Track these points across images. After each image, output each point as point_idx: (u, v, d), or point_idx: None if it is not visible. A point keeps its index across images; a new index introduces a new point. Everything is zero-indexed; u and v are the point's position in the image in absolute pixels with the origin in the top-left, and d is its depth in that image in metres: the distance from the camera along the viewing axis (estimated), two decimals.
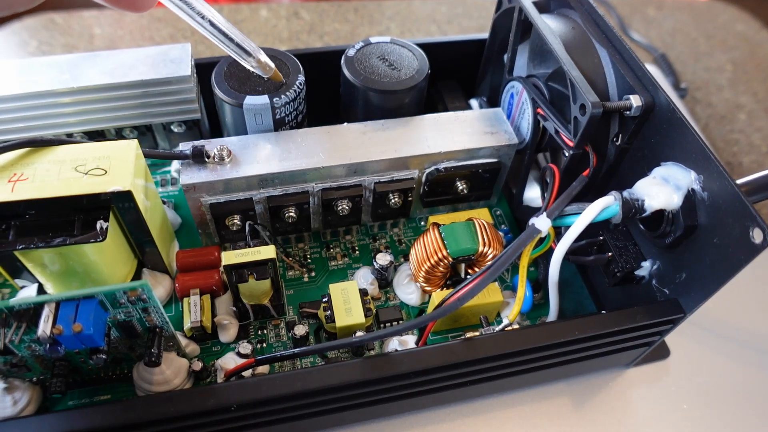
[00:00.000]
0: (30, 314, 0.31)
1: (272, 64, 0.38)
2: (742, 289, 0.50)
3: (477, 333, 0.36)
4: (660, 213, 0.36)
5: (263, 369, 0.38)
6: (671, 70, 0.71)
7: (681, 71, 0.74)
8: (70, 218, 0.35)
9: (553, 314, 0.41)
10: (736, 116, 0.69)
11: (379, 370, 0.33)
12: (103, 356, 0.32)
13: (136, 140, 0.38)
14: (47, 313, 0.31)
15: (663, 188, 0.35)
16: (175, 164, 0.50)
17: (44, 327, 0.30)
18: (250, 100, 0.41)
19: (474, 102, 0.52)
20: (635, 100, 0.36)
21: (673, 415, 0.43)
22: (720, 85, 0.73)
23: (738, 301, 0.49)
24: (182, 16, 0.34)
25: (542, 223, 0.36)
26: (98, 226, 0.35)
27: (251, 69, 0.37)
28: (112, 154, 0.37)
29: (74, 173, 0.36)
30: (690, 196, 0.35)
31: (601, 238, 0.41)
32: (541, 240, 0.41)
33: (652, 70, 0.70)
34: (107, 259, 0.39)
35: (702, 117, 0.69)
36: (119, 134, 0.46)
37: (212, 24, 0.34)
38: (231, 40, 0.35)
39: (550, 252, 0.39)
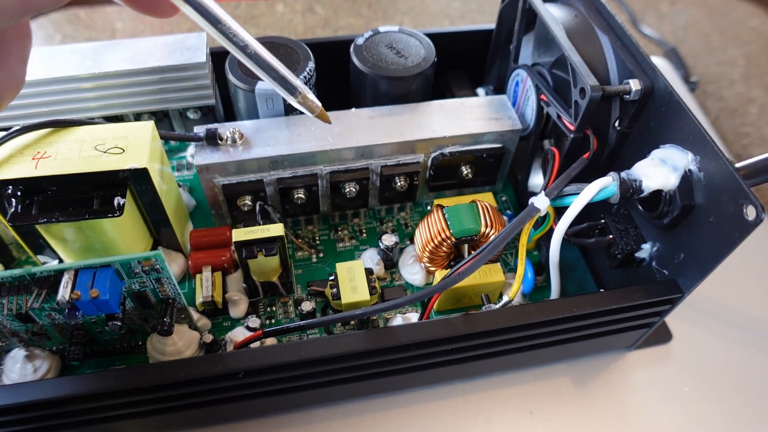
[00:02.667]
0: (51, 281, 0.33)
1: (319, 103, 0.35)
2: (746, 275, 0.51)
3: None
4: (658, 194, 0.37)
5: (271, 341, 0.39)
6: (682, 64, 0.72)
7: (693, 65, 0.74)
8: (89, 194, 0.37)
9: (554, 295, 0.42)
10: (748, 110, 0.69)
11: (380, 341, 0.34)
12: (118, 323, 0.34)
13: (152, 122, 0.39)
14: (66, 280, 0.32)
15: (660, 169, 0.36)
16: (191, 150, 0.52)
17: (63, 292, 0.32)
18: (261, 86, 0.43)
19: (481, 90, 0.53)
20: (634, 84, 0.37)
21: (674, 398, 0.43)
22: (732, 79, 0.73)
23: (742, 286, 0.50)
24: (224, 43, 0.32)
25: (541, 202, 0.37)
26: (115, 202, 0.37)
27: (297, 106, 0.35)
28: (129, 135, 0.38)
29: (94, 152, 0.37)
30: (687, 177, 0.35)
31: (602, 221, 0.42)
32: (543, 222, 0.42)
33: (663, 63, 0.70)
34: (124, 236, 0.40)
35: (713, 110, 0.69)
36: (137, 120, 0.48)
37: (257, 54, 0.32)
38: (277, 72, 0.33)
39: (551, 234, 0.40)
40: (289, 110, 0.45)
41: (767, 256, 0.52)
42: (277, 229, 0.39)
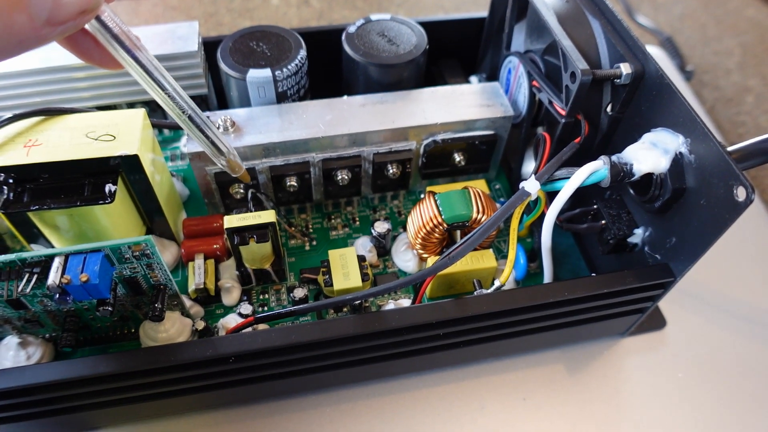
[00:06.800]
0: (42, 266, 0.33)
1: (243, 166, 0.38)
2: (741, 262, 0.50)
3: None
4: (649, 177, 0.37)
5: (263, 328, 0.39)
6: (677, 53, 0.71)
7: (689, 55, 0.74)
8: (80, 182, 0.37)
9: (547, 280, 0.42)
10: (744, 99, 0.69)
11: (370, 326, 0.34)
12: (109, 308, 0.34)
13: (143, 109, 0.40)
14: (57, 265, 0.32)
15: (651, 152, 0.36)
16: (184, 140, 0.52)
17: (54, 277, 0.32)
18: (253, 74, 0.43)
19: (474, 78, 0.53)
20: (625, 68, 0.37)
21: (667, 384, 0.43)
22: (728, 68, 0.73)
23: (737, 273, 0.50)
24: (159, 100, 0.33)
25: (531, 186, 0.36)
26: (106, 189, 0.37)
27: (220, 166, 0.37)
28: (121, 122, 0.39)
29: (85, 139, 0.38)
30: (678, 160, 0.35)
31: (595, 206, 0.42)
32: (534, 207, 0.42)
33: (658, 52, 0.70)
34: (117, 224, 0.40)
35: (708, 99, 0.69)
36: (131, 108, 0.48)
37: (191, 118, 0.33)
38: (207, 136, 0.35)
39: (543, 218, 0.40)
40: (281, 98, 0.45)
41: (762, 243, 0.52)
42: (268, 216, 0.39)
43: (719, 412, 0.42)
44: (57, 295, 0.33)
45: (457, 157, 0.46)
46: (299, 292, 0.41)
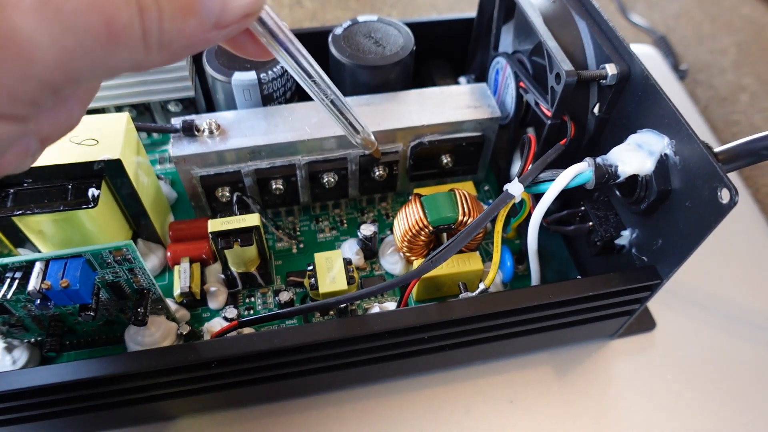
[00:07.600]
0: (23, 271, 0.33)
1: (376, 143, 0.40)
2: (731, 263, 0.50)
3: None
4: (634, 179, 0.36)
5: (248, 332, 0.39)
6: (671, 52, 0.71)
7: (683, 54, 0.74)
8: (64, 186, 0.37)
9: (535, 282, 0.42)
10: (738, 98, 0.68)
11: (353, 330, 0.34)
12: (91, 313, 0.34)
13: (127, 113, 0.39)
14: (38, 270, 0.32)
15: (636, 154, 0.36)
16: (171, 142, 0.52)
17: (35, 283, 0.32)
18: (238, 76, 0.43)
19: (462, 79, 0.53)
20: (611, 69, 0.37)
21: (656, 386, 0.43)
22: (723, 67, 0.72)
23: (727, 275, 0.49)
24: (305, 87, 0.34)
25: (515, 188, 0.36)
26: (90, 194, 0.37)
27: (355, 144, 0.39)
28: (104, 126, 0.39)
29: (68, 143, 0.37)
30: (663, 161, 0.35)
31: (582, 208, 0.41)
32: (520, 209, 0.42)
33: (651, 51, 0.70)
34: (103, 228, 0.40)
35: (703, 99, 0.68)
36: (119, 112, 0.48)
37: (333, 103, 0.35)
38: (346, 118, 0.36)
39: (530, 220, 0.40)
40: (267, 101, 0.44)
41: (753, 242, 0.52)
42: (252, 219, 0.39)
43: (709, 414, 0.42)
44: (38, 301, 0.33)
45: (445, 159, 0.45)
46: (284, 296, 0.40)
